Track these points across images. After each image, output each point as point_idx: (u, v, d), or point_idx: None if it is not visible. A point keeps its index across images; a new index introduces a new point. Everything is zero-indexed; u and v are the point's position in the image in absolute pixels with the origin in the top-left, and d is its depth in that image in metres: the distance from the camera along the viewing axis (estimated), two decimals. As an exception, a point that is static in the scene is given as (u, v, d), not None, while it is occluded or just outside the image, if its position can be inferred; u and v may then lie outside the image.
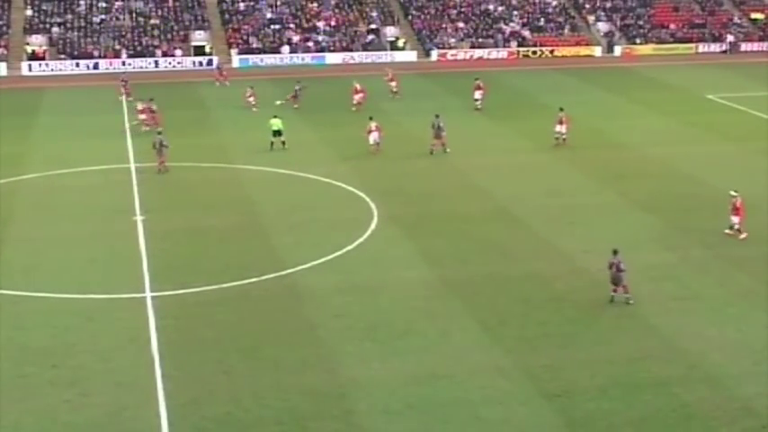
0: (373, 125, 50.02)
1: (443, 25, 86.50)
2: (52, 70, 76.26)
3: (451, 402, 25.17)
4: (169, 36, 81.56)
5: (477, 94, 60.91)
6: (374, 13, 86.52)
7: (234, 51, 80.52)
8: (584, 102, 64.36)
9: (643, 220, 39.80)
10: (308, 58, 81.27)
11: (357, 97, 60.25)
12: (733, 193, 37.12)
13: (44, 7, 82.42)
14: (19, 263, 35.06)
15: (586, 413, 24.72)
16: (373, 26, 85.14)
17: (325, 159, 49.25)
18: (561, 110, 52.34)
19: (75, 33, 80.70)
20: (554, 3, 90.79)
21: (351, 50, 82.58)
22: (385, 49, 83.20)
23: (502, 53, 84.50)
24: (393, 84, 66.28)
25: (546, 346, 28.45)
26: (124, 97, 63.87)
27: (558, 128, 51.58)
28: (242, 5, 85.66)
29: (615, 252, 31.16)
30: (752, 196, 39.51)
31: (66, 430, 24.06)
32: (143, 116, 55.51)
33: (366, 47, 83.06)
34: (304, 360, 27.52)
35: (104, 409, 24.81)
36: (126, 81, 65.66)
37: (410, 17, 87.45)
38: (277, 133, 51.03)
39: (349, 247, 36.44)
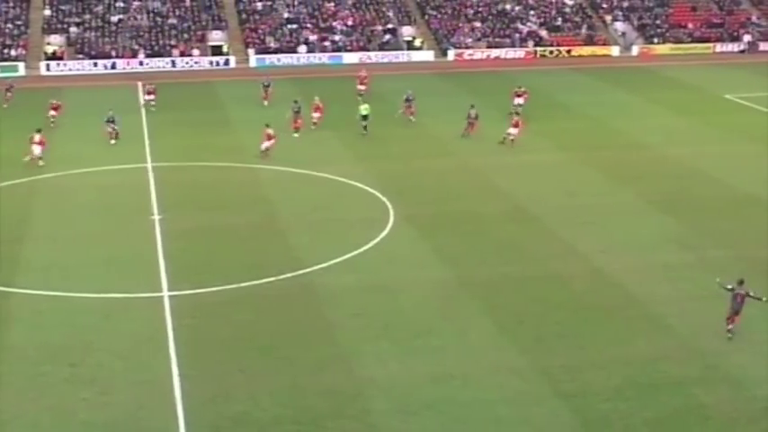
0: (271, 131, 48.61)
1: (460, 25, 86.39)
2: (70, 70, 76.51)
3: (468, 402, 25.17)
4: (186, 36, 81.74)
5: (520, 101, 58.86)
6: (391, 13, 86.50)
7: (251, 51, 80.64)
8: (601, 102, 64.23)
9: (660, 221, 39.66)
10: (324, 58, 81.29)
11: (315, 116, 55.67)
12: None
13: (62, 7, 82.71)
14: (37, 262, 35.22)
15: (603, 413, 24.68)
16: (390, 26, 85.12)
17: (341, 159, 49.24)
18: (519, 87, 58.49)
19: (93, 33, 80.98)
20: (571, 2, 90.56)
21: (367, 50, 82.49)
22: (402, 49, 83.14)
23: (519, 53, 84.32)
24: (362, 87, 64.74)
25: (563, 346, 28.41)
26: (6, 105, 61.75)
27: (516, 100, 57.04)
28: (259, 5, 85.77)
29: (741, 282, 28.94)
30: (770, 197, 39.36)
31: (83, 429, 24.17)
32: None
33: (383, 46, 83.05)
34: (321, 359, 27.57)
35: (122, 408, 24.93)
36: (11, 86, 63.27)
37: (427, 17, 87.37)
38: (364, 117, 53.57)
39: (366, 247, 36.46)
